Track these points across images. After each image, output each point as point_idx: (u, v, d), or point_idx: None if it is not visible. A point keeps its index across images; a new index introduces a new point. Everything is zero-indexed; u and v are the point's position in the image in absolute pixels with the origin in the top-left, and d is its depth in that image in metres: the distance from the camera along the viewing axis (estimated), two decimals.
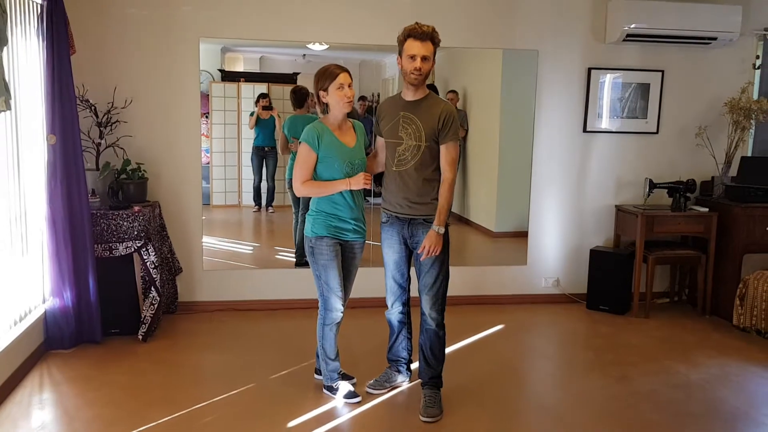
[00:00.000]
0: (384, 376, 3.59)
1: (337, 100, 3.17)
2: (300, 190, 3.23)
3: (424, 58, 3.10)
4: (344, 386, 3.41)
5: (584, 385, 3.73)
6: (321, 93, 3.20)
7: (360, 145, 3.32)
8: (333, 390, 3.43)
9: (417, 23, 3.12)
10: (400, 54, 3.18)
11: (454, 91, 5.43)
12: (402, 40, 3.16)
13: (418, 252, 3.18)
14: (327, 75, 3.17)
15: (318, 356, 3.53)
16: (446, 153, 3.20)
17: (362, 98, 6.75)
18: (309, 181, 3.22)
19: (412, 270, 3.41)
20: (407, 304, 3.50)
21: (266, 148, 7.73)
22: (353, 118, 3.45)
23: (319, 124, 3.23)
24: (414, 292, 3.42)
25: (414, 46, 3.10)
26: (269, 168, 7.76)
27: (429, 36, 3.11)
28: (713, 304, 5.03)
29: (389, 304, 3.49)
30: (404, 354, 3.59)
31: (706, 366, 4.02)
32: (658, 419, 3.29)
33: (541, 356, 4.29)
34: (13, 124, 3.58)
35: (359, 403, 3.37)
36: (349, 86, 3.18)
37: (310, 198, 3.35)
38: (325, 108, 3.25)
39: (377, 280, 3.73)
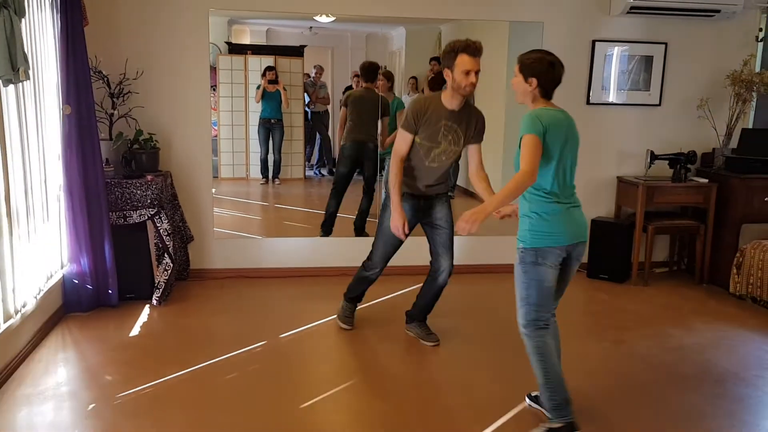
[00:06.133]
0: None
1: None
2: None
3: (477, 72, 3.34)
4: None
5: (581, 347, 3.87)
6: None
7: None
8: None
9: (468, 39, 3.33)
10: (449, 67, 3.34)
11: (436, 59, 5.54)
12: (453, 55, 3.33)
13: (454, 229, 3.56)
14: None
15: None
16: (479, 151, 3.59)
17: (414, 78, 6.74)
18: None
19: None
20: None
21: (273, 120, 7.80)
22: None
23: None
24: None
25: (469, 62, 3.31)
26: (275, 140, 7.84)
27: (481, 52, 3.34)
28: (711, 273, 5.15)
29: (379, 268, 3.83)
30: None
31: (701, 331, 4.15)
32: (651, 379, 3.44)
33: None
34: (33, 94, 3.68)
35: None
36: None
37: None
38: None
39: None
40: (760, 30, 5.29)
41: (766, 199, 4.91)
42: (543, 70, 2.75)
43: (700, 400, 3.23)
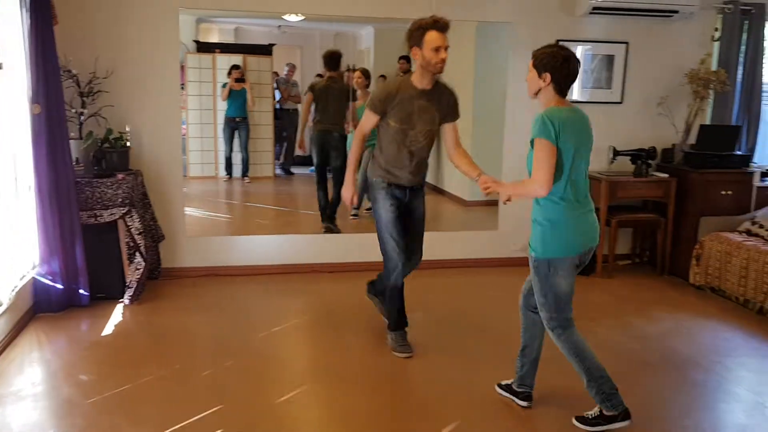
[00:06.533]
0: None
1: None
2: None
3: (447, 48, 3.32)
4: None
5: (548, 337, 3.97)
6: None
7: None
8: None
9: (434, 16, 3.33)
10: (417, 45, 3.33)
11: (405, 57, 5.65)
12: (420, 32, 3.31)
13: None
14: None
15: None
16: (455, 129, 3.58)
17: (383, 76, 6.80)
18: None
19: None
20: None
21: (238, 119, 7.82)
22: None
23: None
24: None
25: (438, 38, 3.30)
26: (242, 138, 7.86)
27: (448, 27, 3.34)
28: (671, 265, 5.33)
29: (401, 262, 3.56)
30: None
31: (662, 320, 4.31)
32: (616, 367, 3.53)
33: (509, 311, 4.52)
34: (1, 93, 3.66)
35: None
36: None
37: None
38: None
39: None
40: (716, 30, 5.48)
41: (723, 192, 5.11)
42: (557, 65, 2.69)
43: (662, 385, 3.38)
